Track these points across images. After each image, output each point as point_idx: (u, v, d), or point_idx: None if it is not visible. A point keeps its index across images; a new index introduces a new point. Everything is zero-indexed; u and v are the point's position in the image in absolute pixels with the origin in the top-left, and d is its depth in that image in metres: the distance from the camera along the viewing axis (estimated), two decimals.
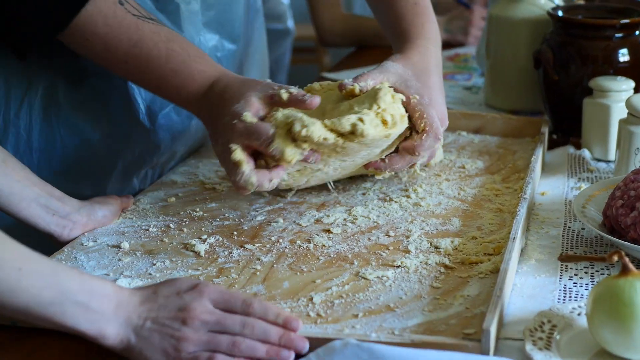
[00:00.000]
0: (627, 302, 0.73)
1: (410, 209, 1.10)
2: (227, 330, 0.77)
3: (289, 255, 0.97)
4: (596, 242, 1.01)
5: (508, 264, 0.87)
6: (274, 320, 0.79)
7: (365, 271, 0.93)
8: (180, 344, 0.75)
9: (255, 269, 0.94)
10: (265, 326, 0.78)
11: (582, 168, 1.24)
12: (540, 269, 0.95)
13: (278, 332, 0.77)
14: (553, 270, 0.95)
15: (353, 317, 0.84)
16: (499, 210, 1.09)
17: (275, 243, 1.00)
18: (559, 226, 1.06)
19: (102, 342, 0.76)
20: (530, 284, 0.93)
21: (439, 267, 0.94)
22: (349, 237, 1.02)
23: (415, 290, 0.89)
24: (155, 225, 1.06)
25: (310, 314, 0.85)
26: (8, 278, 0.71)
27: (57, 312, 0.74)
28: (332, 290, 0.89)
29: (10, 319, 0.84)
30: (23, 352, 0.82)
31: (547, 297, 0.90)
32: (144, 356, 0.76)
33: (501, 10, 1.54)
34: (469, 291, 0.89)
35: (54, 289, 0.73)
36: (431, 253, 0.97)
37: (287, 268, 0.94)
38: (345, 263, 0.96)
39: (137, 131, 1.17)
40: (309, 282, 0.91)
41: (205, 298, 0.79)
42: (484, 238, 1.01)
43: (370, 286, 0.90)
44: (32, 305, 0.73)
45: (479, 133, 1.40)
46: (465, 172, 1.22)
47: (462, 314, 0.84)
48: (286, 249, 0.99)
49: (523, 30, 1.50)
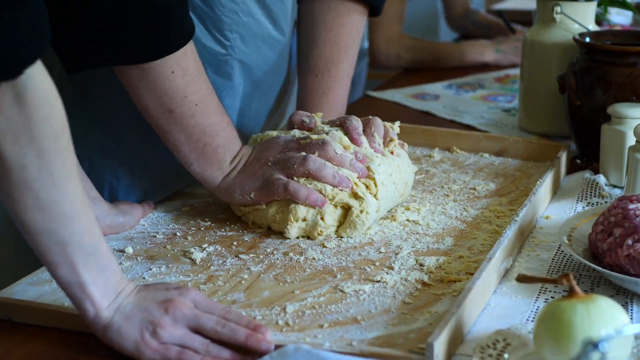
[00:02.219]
0: (567, 323, 0.74)
1: (409, 227, 1.13)
2: (202, 326, 0.82)
3: (278, 267, 1.02)
4: (583, 267, 1.01)
5: (474, 283, 0.89)
6: (245, 325, 0.84)
7: (345, 284, 0.97)
8: (157, 330, 0.81)
9: (242, 277, 0.99)
10: (235, 326, 0.83)
11: (593, 193, 1.24)
12: (519, 290, 0.97)
13: (246, 332, 0.82)
14: (531, 292, 0.96)
15: (318, 327, 0.88)
16: (494, 231, 1.10)
17: (269, 254, 1.05)
18: (552, 250, 1.07)
19: (89, 308, 0.82)
20: (504, 304, 0.94)
21: (416, 284, 0.97)
22: (341, 251, 1.06)
23: (386, 305, 0.92)
24: (163, 233, 1.12)
25: (279, 322, 0.89)
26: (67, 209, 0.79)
27: (74, 254, 0.80)
28: (307, 301, 0.93)
29: (6, 313, 0.91)
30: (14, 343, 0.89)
31: (516, 317, 0.91)
32: (120, 334, 0.82)
33: (534, 34, 1.55)
34: (438, 308, 0.91)
35: (89, 239, 0.81)
36: (414, 270, 1.00)
37: (272, 278, 0.99)
38: (329, 276, 0.99)
39: None
40: (288, 292, 0.96)
41: (189, 297, 0.85)
42: (471, 258, 1.03)
43: (345, 299, 0.94)
44: (60, 238, 0.78)
45: (501, 155, 1.41)
46: (475, 193, 1.24)
47: (423, 329, 0.87)
48: (277, 261, 1.03)
49: (554, 54, 1.51)
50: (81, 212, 0.80)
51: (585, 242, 1.02)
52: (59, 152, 0.77)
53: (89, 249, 0.81)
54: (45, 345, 0.88)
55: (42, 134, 0.74)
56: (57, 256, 0.79)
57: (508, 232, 1.02)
